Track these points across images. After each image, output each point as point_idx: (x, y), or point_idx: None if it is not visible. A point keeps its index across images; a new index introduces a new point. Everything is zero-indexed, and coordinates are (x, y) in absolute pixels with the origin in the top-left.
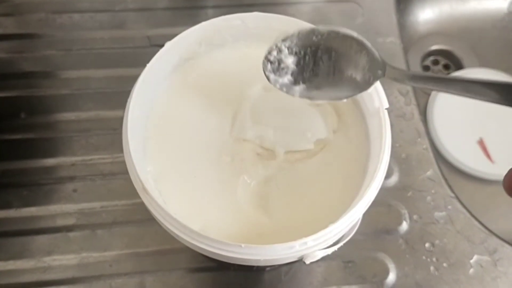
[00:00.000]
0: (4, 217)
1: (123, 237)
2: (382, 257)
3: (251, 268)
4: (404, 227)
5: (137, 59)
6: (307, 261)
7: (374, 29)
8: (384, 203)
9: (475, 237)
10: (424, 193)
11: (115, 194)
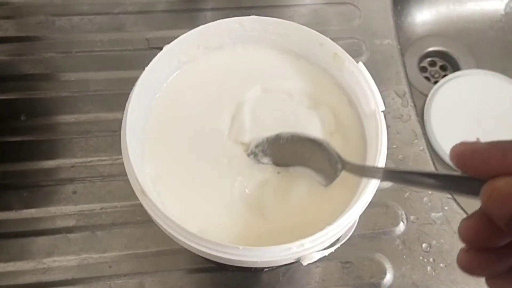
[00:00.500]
0: (4, 219)
1: (123, 238)
2: (379, 257)
3: (250, 269)
4: (401, 228)
5: (136, 61)
6: (305, 262)
7: (371, 31)
8: (381, 204)
9: None
10: (421, 194)
11: (114, 196)
